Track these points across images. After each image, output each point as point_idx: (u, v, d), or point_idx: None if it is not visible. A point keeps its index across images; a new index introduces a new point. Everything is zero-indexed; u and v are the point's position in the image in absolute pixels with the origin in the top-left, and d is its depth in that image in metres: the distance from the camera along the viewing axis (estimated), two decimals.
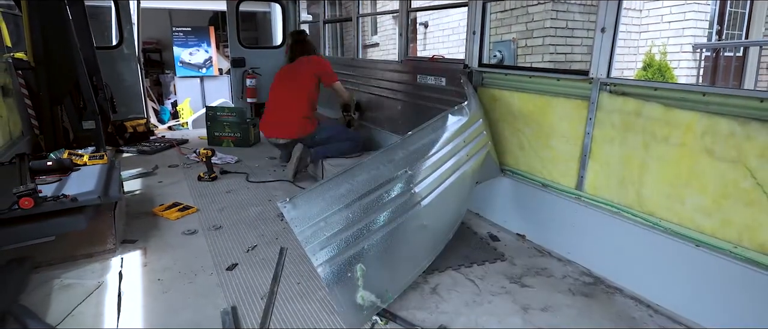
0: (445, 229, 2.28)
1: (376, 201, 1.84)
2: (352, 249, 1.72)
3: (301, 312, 1.85)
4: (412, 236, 2.00)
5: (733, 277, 1.66)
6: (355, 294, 1.72)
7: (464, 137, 2.33)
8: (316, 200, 1.71)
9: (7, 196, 2.03)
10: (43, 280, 2.05)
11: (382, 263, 1.85)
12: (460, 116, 2.34)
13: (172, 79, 8.99)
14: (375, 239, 1.80)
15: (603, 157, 2.13)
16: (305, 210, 1.68)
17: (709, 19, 6.75)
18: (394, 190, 1.91)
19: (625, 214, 2.04)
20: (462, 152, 2.28)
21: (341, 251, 1.70)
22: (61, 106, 3.94)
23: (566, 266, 2.27)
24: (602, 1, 2.04)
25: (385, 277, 1.86)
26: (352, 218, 1.75)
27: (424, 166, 2.05)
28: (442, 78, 3.18)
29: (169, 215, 2.83)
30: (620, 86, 2.05)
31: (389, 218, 1.86)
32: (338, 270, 1.68)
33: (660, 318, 1.84)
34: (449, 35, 8.77)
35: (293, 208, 1.66)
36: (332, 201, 1.73)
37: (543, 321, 1.82)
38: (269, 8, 6.59)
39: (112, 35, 5.59)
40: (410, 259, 2.03)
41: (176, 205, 3.00)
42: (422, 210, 2.00)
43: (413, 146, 2.06)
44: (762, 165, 1.57)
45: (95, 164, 2.84)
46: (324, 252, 1.67)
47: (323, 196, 1.72)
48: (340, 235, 1.71)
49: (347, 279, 1.70)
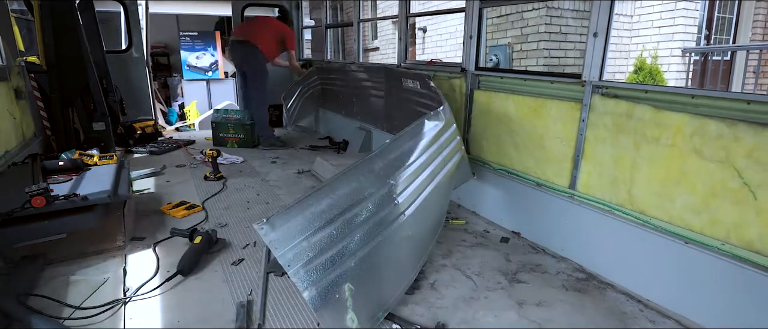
0: (428, 237, 2.17)
1: (359, 216, 1.68)
2: (338, 269, 1.57)
3: (303, 307, 1.85)
4: (398, 248, 1.87)
5: (721, 273, 1.66)
6: (345, 316, 1.57)
7: (440, 142, 2.24)
8: (296, 219, 1.53)
9: (20, 195, 2.03)
10: (54, 275, 2.05)
11: (370, 280, 1.70)
12: (436, 122, 2.23)
13: (179, 82, 8.99)
14: (360, 256, 1.64)
15: (595, 157, 2.13)
16: (284, 231, 1.49)
17: (698, 25, 6.76)
18: (376, 203, 1.75)
19: (617, 212, 2.04)
20: (439, 158, 2.19)
21: (327, 271, 1.54)
22: (72, 108, 3.94)
23: (560, 262, 2.27)
24: (595, 4, 2.05)
25: (374, 294, 1.72)
26: (336, 235, 1.59)
27: (405, 175, 1.92)
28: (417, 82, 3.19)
29: (175, 214, 2.83)
30: (612, 89, 2.05)
31: (374, 232, 1.71)
32: (325, 291, 1.52)
33: (650, 313, 1.84)
34: (447, 40, 8.77)
35: (271, 229, 1.47)
36: (313, 218, 1.55)
37: (537, 315, 1.82)
38: (273, 13, 6.59)
39: (122, 40, 5.59)
40: (398, 273, 1.90)
41: (183, 203, 3.00)
42: (406, 221, 1.86)
43: (392, 155, 1.93)
44: (749, 165, 1.57)
45: (105, 164, 2.84)
46: (309, 275, 1.50)
47: (303, 213, 1.54)
48: (324, 254, 1.55)
49: (335, 300, 1.54)
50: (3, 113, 3.06)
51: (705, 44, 7.00)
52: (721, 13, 7.26)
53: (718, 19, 7.25)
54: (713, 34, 7.22)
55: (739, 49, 6.88)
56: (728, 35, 7.39)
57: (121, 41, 5.72)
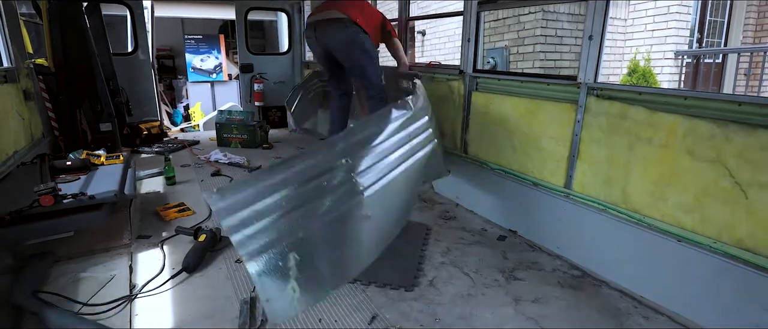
0: (390, 224, 2.06)
1: (315, 189, 1.61)
2: (285, 239, 1.51)
3: None
4: (355, 227, 1.78)
5: (713, 271, 1.66)
6: (287, 285, 1.52)
7: (409, 131, 2.15)
8: (248, 191, 1.47)
9: (29, 194, 2.03)
10: (63, 273, 2.05)
11: (321, 254, 1.64)
12: (403, 110, 2.15)
13: (184, 83, 9.00)
14: (313, 229, 1.59)
15: (590, 157, 2.13)
16: (234, 201, 1.44)
17: (690, 28, 6.75)
18: (334, 179, 1.68)
19: (611, 211, 2.04)
20: (406, 146, 2.12)
21: (273, 241, 1.49)
22: (79, 109, 3.95)
23: (556, 260, 2.27)
24: (590, 8, 2.05)
25: (324, 268, 1.66)
26: (287, 206, 1.53)
27: (367, 156, 1.83)
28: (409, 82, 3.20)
29: (166, 215, 2.75)
30: (607, 91, 2.05)
31: (329, 206, 1.64)
32: (268, 260, 1.47)
33: (644, 309, 1.84)
34: (446, 43, 8.76)
35: (221, 199, 1.42)
36: (265, 191, 1.50)
37: (533, 311, 1.82)
38: (276, 17, 6.59)
39: (128, 42, 5.59)
40: (354, 253, 1.81)
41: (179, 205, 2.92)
42: (366, 200, 1.76)
43: (355, 138, 1.84)
44: (740, 165, 1.57)
45: (112, 163, 2.84)
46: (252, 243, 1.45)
47: (255, 186, 1.49)
48: (273, 225, 1.49)
49: (279, 268, 1.50)
50: (12, 114, 3.06)
51: (697, 47, 7.00)
52: (712, 16, 7.26)
53: (710, 22, 7.25)
54: (705, 37, 7.21)
55: (731, 51, 6.88)
56: (720, 38, 7.39)
57: (127, 44, 5.73)
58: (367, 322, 1.73)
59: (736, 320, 1.61)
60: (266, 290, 1.48)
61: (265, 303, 1.48)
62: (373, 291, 1.94)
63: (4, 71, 3.12)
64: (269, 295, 1.48)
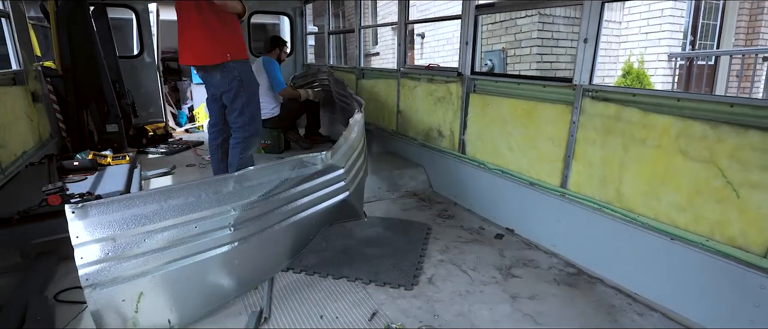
0: (256, 273, 1.95)
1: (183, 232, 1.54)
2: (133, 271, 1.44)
3: (307, 299, 1.85)
4: (216, 272, 1.74)
5: (705, 268, 1.66)
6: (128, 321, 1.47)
7: (314, 184, 2.13)
8: (113, 214, 1.38)
9: (38, 193, 2.03)
10: (69, 271, 2.05)
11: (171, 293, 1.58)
12: (313, 164, 2.11)
13: (189, 85, 8.97)
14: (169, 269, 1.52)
15: (585, 157, 2.13)
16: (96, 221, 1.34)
17: (684, 31, 6.75)
18: (208, 224, 1.62)
19: (606, 210, 2.04)
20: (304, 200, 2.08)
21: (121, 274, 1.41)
22: (86, 110, 3.95)
23: (552, 258, 2.27)
24: (586, 11, 2.05)
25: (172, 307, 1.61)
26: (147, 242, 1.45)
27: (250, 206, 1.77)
28: None
29: None
30: (601, 92, 2.05)
31: (193, 250, 1.58)
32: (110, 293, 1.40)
33: (638, 306, 1.84)
34: (444, 45, 8.76)
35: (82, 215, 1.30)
36: (132, 219, 1.41)
37: (530, 308, 1.82)
38: (278, 20, 6.58)
39: (134, 45, 5.59)
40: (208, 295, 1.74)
41: None
42: (235, 249, 1.73)
43: (248, 183, 1.78)
44: (732, 165, 1.57)
45: (118, 164, 2.84)
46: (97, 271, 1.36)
47: (123, 211, 1.40)
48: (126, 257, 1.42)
49: (120, 303, 1.44)
50: (21, 116, 3.06)
51: (690, 49, 6.99)
52: (705, 19, 7.25)
53: (703, 25, 7.25)
54: (698, 40, 7.21)
55: (723, 54, 6.88)
56: (712, 41, 7.38)
57: (133, 47, 5.72)
58: (368, 319, 1.73)
59: (727, 316, 1.61)
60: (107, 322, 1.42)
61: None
62: (374, 289, 1.94)
63: (12, 74, 3.12)
64: None
